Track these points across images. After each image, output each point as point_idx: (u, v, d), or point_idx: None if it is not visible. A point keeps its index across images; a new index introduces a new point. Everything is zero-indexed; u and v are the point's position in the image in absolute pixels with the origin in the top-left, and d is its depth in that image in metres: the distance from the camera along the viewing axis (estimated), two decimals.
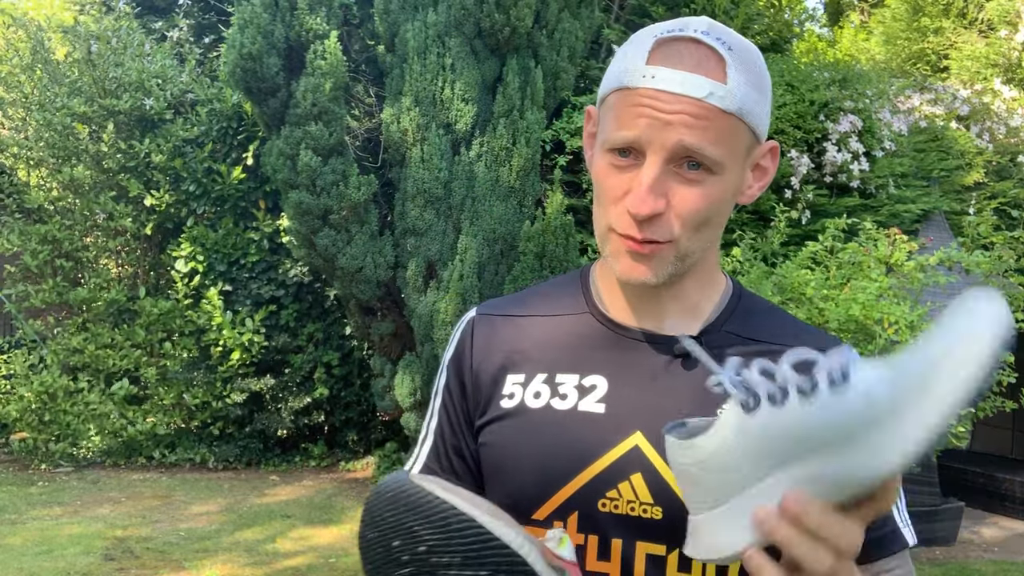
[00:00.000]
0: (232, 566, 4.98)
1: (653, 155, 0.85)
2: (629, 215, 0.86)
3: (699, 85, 0.83)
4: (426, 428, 1.06)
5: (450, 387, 1.03)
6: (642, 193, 0.84)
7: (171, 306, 7.40)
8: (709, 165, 0.86)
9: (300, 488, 6.99)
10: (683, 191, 0.86)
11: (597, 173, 0.91)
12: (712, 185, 0.87)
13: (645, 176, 0.85)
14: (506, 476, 0.96)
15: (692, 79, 0.84)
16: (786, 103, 6.14)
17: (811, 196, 6.00)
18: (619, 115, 0.87)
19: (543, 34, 6.18)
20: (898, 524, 0.97)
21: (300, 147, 6.01)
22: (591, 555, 0.91)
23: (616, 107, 0.88)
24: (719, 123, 0.84)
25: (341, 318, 7.79)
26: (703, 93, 0.83)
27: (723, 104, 0.84)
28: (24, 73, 7.87)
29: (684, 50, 0.85)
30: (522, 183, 6.00)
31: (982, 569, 5.34)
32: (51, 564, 4.90)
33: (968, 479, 6.96)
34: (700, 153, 0.84)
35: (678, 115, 0.83)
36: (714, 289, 0.99)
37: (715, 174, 0.86)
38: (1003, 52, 9.11)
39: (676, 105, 0.83)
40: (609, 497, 0.91)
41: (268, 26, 5.99)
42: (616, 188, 0.88)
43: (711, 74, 0.84)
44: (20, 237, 7.55)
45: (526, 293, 1.09)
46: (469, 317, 1.06)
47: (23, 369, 7.29)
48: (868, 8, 13.22)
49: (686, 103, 0.83)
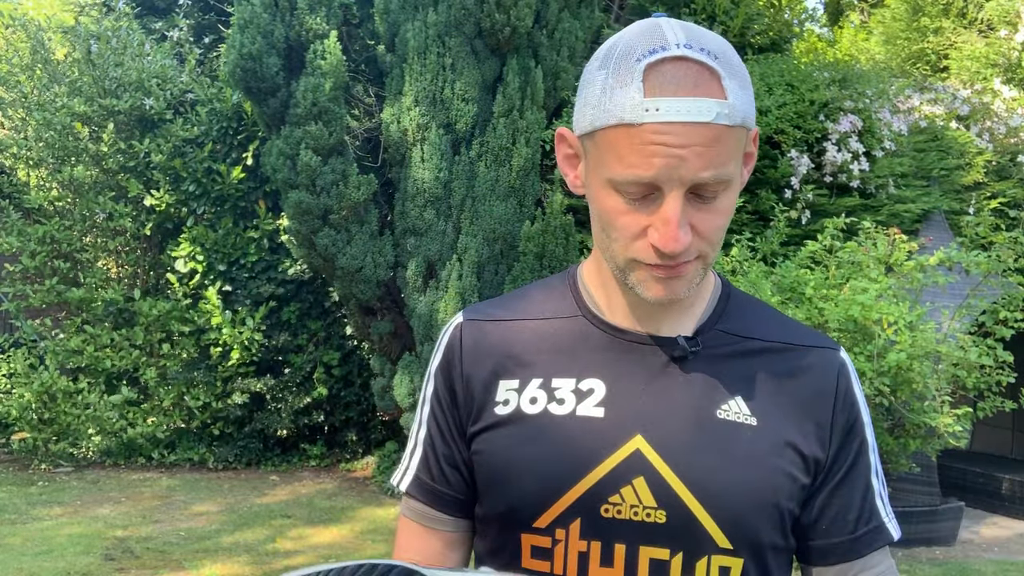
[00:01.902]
0: (232, 566, 4.98)
1: (672, 192, 0.83)
2: (657, 252, 0.86)
3: (706, 109, 0.81)
4: (414, 438, 1.04)
5: (439, 395, 1.01)
6: (672, 232, 0.83)
7: (170, 306, 7.40)
8: (724, 186, 0.86)
9: (300, 488, 7.00)
10: (704, 215, 0.86)
11: (605, 210, 0.88)
12: (727, 198, 0.87)
13: (670, 215, 0.83)
14: (506, 484, 0.94)
15: (697, 104, 0.81)
16: (786, 103, 6.14)
17: (811, 196, 6.01)
18: (624, 154, 0.84)
19: (543, 34, 6.18)
20: (883, 519, 0.98)
21: (300, 147, 6.01)
22: (594, 561, 0.90)
23: (619, 145, 0.84)
24: (727, 140, 0.84)
25: (341, 318, 7.79)
26: (711, 116, 0.81)
27: (729, 120, 0.83)
28: (24, 73, 7.87)
29: (678, 73, 0.82)
30: (522, 183, 6.00)
31: (982, 569, 5.34)
32: (51, 564, 4.90)
33: (968, 479, 6.96)
34: (717, 181, 0.84)
35: (691, 148, 0.82)
36: (705, 287, 0.99)
37: (728, 188, 0.87)
38: (1003, 52, 9.11)
39: (687, 136, 0.81)
40: (612, 502, 0.90)
41: (268, 26, 5.99)
42: (633, 225, 0.87)
43: (712, 92, 0.82)
44: (19, 237, 7.55)
45: (511, 297, 1.07)
46: (456, 323, 1.03)
47: (23, 369, 7.29)
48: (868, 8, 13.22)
49: (695, 132, 0.81)
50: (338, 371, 7.79)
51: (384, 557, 0.83)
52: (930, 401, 4.71)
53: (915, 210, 6.36)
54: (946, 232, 6.45)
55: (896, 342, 4.43)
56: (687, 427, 0.92)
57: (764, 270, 4.90)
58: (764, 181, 6.15)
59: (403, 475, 1.03)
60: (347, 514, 6.18)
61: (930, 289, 5.00)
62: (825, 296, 4.61)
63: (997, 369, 4.84)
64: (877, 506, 0.98)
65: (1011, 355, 4.85)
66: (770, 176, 6.13)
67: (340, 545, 5.46)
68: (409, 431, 1.07)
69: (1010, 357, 4.81)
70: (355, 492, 6.89)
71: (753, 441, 0.92)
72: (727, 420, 0.92)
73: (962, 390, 4.92)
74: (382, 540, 5.51)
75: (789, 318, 1.05)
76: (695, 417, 0.92)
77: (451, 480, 1.00)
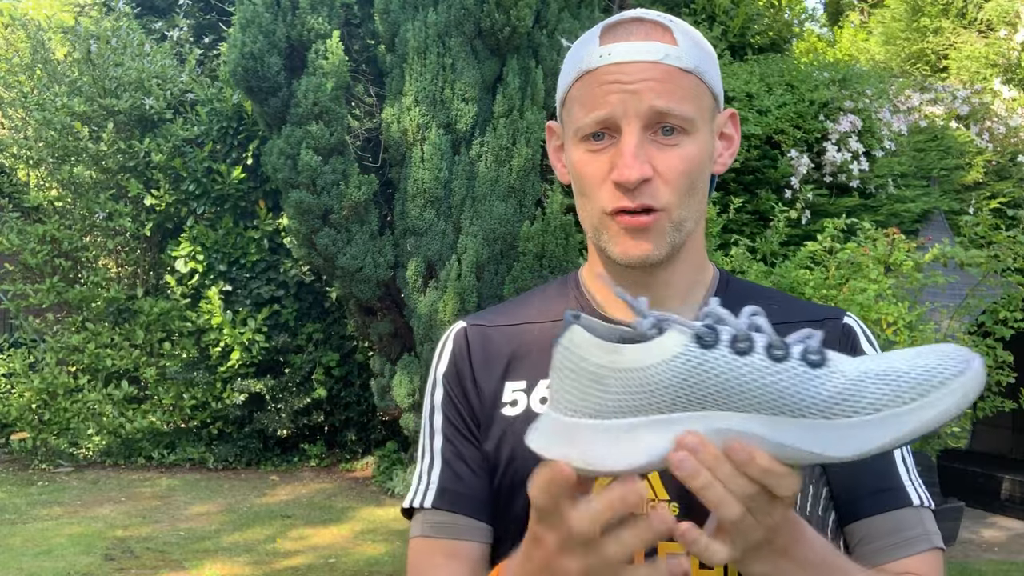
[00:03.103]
0: (232, 566, 4.98)
1: (629, 125, 0.86)
2: (618, 188, 0.87)
3: (654, 49, 0.87)
4: (429, 450, 0.99)
5: (453, 399, 0.99)
6: (627, 160, 0.85)
7: (170, 306, 7.40)
8: (683, 125, 0.87)
9: (300, 488, 7.00)
10: (664, 156, 0.87)
11: (575, 166, 0.92)
12: (689, 145, 0.88)
13: (626, 145, 0.86)
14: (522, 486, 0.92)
15: (646, 46, 0.87)
16: (786, 103, 6.14)
17: (811, 196, 6.01)
18: (585, 100, 0.89)
19: (543, 34, 6.18)
20: (903, 482, 0.92)
21: (301, 147, 6.01)
22: None
23: (581, 94, 0.90)
24: (681, 82, 0.87)
25: (341, 318, 7.79)
26: (660, 55, 0.87)
27: (680, 63, 0.87)
28: (24, 73, 7.88)
29: (632, 26, 0.89)
30: (522, 183, 6.00)
31: (982, 569, 5.34)
32: (51, 564, 4.90)
33: (968, 479, 6.96)
34: (672, 113, 0.86)
35: (643, 82, 0.86)
36: (704, 275, 0.99)
37: (689, 134, 0.88)
38: (1002, 52, 9.11)
39: (638, 73, 0.86)
40: None
41: (269, 25, 5.99)
42: (598, 172, 0.89)
43: (662, 39, 0.88)
44: (19, 236, 7.56)
45: (510, 304, 1.06)
46: (459, 328, 1.03)
47: (23, 368, 7.29)
48: (868, 8, 13.22)
49: (647, 68, 0.86)
50: (338, 371, 7.80)
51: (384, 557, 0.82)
52: None
53: (915, 210, 6.36)
54: (946, 232, 6.46)
55: (896, 342, 4.43)
56: None
57: (763, 270, 4.89)
58: (764, 181, 6.15)
59: (424, 492, 0.97)
60: (347, 514, 6.18)
61: (929, 289, 4.99)
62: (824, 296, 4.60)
63: (997, 369, 4.84)
64: (895, 469, 0.93)
65: (1011, 355, 4.85)
66: (770, 176, 6.13)
67: (340, 545, 5.46)
68: (415, 428, 1.04)
69: (1010, 357, 4.81)
70: (355, 492, 6.89)
71: None
72: None
73: None
74: (382, 540, 5.51)
75: (793, 297, 1.04)
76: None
77: (479, 481, 0.96)
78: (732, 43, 8.06)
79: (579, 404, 0.68)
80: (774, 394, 0.63)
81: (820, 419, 0.63)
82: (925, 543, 0.89)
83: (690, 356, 0.65)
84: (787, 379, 0.63)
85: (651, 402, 0.66)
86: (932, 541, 0.90)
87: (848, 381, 0.63)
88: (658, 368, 0.65)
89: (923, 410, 0.62)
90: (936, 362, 0.63)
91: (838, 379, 0.63)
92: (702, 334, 0.65)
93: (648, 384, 0.66)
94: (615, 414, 0.67)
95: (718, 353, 0.65)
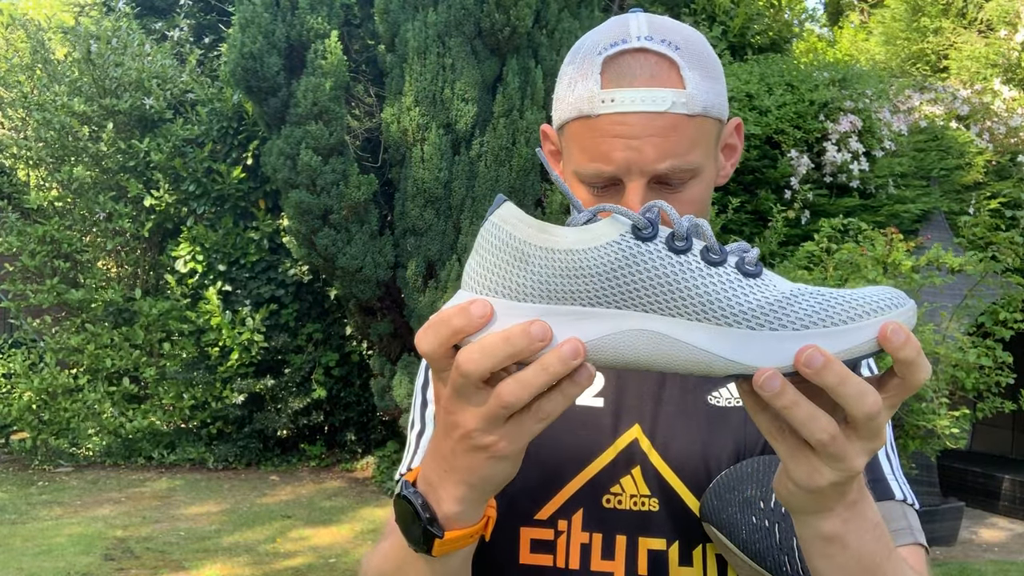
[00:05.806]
0: (232, 566, 4.98)
1: (632, 183, 0.84)
2: None
3: (660, 98, 0.82)
4: (420, 420, 1.00)
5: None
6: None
7: (170, 306, 7.40)
8: (689, 175, 0.85)
9: (300, 488, 7.00)
10: (670, 199, 0.85)
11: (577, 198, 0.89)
12: (694, 187, 0.86)
13: (631, 203, 0.83)
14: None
15: (651, 94, 0.82)
16: (786, 103, 6.14)
17: (810, 196, 6.00)
18: (585, 146, 0.85)
19: (543, 34, 6.18)
20: (884, 475, 0.90)
21: (300, 147, 6.02)
22: (596, 554, 0.90)
23: (580, 138, 0.86)
24: (688, 130, 0.83)
25: (341, 318, 7.79)
26: (666, 105, 0.82)
27: (688, 110, 0.83)
28: (24, 73, 7.88)
29: (635, 64, 0.83)
30: (522, 183, 6.01)
31: (982, 569, 5.34)
32: (51, 564, 4.90)
33: (968, 479, 6.96)
34: (678, 170, 0.84)
35: (648, 138, 0.82)
36: None
37: (696, 176, 0.86)
38: (1003, 52, 9.11)
39: (642, 127, 0.82)
40: (613, 492, 0.90)
41: (269, 26, 5.99)
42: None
43: (668, 82, 0.82)
44: (19, 237, 7.56)
45: None
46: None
47: (22, 368, 7.30)
48: (868, 8, 13.21)
49: (651, 120, 0.82)
50: (337, 371, 7.80)
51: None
52: (928, 402, 4.70)
53: (915, 210, 6.36)
54: (946, 232, 6.45)
55: None
56: (677, 414, 0.92)
57: None
58: (763, 181, 6.15)
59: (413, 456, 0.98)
60: (347, 514, 6.18)
61: (929, 290, 4.99)
62: None
63: (996, 370, 4.84)
64: (878, 464, 0.91)
65: (1010, 356, 4.85)
66: (770, 176, 6.13)
67: (340, 545, 5.46)
68: (409, 419, 1.03)
69: (1009, 358, 4.81)
70: (355, 492, 6.89)
71: (742, 424, 0.91)
72: (717, 406, 0.92)
73: (961, 391, 4.92)
74: None
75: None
76: (685, 404, 0.92)
77: None
78: (732, 43, 8.06)
79: (495, 283, 0.63)
80: (703, 297, 0.61)
81: (745, 328, 0.60)
82: (909, 536, 0.88)
83: (624, 246, 0.61)
84: (718, 283, 0.61)
85: (573, 289, 0.62)
86: (916, 536, 0.89)
87: (780, 294, 0.61)
88: (588, 253, 0.61)
89: (851, 333, 0.59)
90: (873, 294, 0.61)
91: (770, 291, 0.61)
92: (641, 226, 0.61)
93: (575, 269, 0.61)
94: (531, 297, 0.62)
95: (653, 247, 0.61)
